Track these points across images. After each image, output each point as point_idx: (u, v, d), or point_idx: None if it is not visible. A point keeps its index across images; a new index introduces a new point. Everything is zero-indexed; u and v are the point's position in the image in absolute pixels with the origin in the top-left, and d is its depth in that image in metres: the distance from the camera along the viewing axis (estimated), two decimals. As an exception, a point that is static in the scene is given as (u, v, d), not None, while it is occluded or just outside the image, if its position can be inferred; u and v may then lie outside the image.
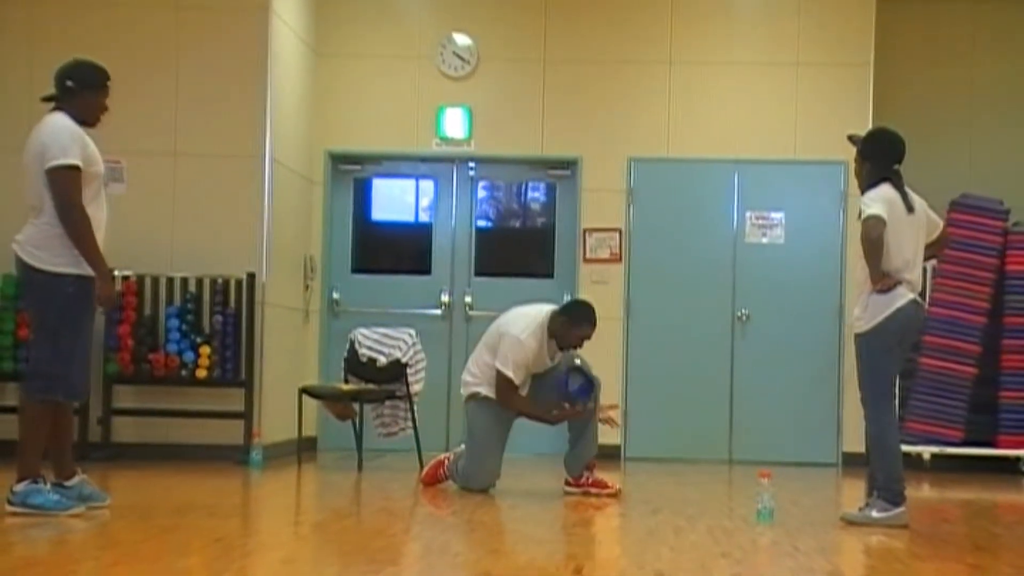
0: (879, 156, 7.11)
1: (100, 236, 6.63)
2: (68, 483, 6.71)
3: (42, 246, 6.52)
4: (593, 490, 8.26)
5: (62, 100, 6.67)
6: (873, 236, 6.84)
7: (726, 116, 11.46)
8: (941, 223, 7.33)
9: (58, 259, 6.51)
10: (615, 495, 8.20)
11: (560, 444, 8.85)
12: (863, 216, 6.92)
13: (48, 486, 6.56)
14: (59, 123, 6.57)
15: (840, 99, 11.33)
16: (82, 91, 6.67)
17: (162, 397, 10.04)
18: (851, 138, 7.30)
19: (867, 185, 7.08)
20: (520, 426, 8.57)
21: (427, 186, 11.95)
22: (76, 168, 6.47)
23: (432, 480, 8.60)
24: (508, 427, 8.43)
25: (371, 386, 9.91)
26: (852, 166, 7.33)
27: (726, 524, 6.97)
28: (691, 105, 11.48)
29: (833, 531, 6.88)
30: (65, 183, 6.45)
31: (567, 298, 11.26)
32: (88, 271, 6.56)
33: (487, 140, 11.53)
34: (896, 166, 7.09)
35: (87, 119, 6.68)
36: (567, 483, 8.39)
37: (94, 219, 6.56)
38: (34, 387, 6.58)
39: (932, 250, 7.39)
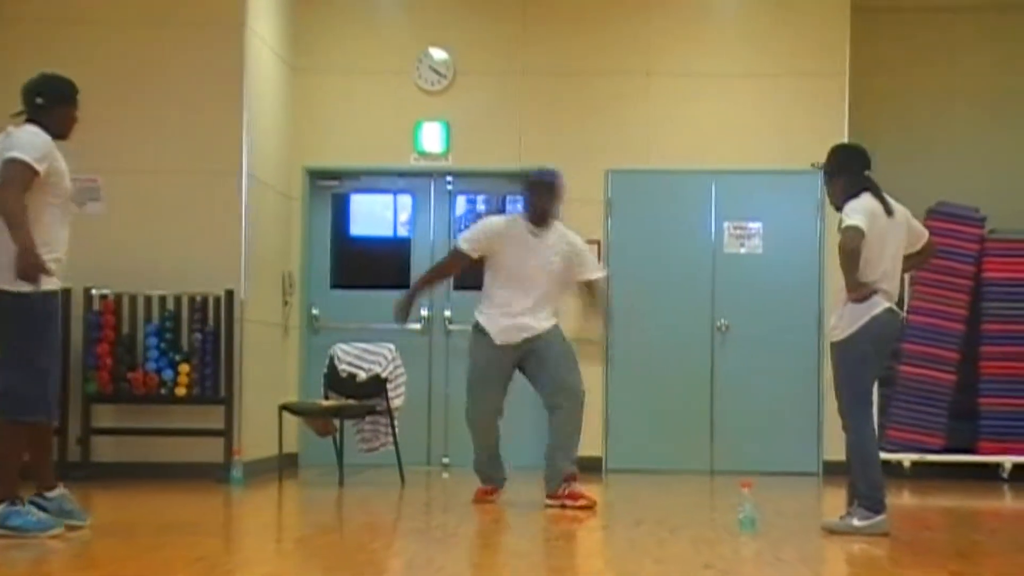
0: (848, 169, 7.13)
1: (62, 253, 6.54)
2: (49, 495, 6.64)
3: (3, 265, 6.38)
4: (568, 502, 8.21)
5: (33, 115, 6.62)
6: (850, 247, 6.86)
7: (703, 127, 11.49)
8: (927, 233, 7.29)
9: None
10: (589, 507, 8.16)
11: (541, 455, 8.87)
12: (843, 226, 6.93)
13: (26, 506, 6.50)
14: (31, 130, 6.50)
15: (816, 109, 11.35)
16: (53, 107, 6.63)
17: (142, 416, 10.00)
18: (814, 166, 7.30)
19: (846, 197, 7.08)
20: (504, 438, 8.58)
21: (405, 201, 11.94)
22: (32, 169, 6.35)
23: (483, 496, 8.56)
24: (505, 365, 8.40)
25: (351, 401, 9.90)
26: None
27: (708, 534, 6.97)
28: (668, 116, 11.50)
29: (815, 540, 6.89)
30: (13, 173, 6.31)
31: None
32: (52, 286, 6.48)
33: (465, 154, 11.53)
34: (867, 172, 7.11)
35: (60, 133, 6.63)
36: (547, 497, 8.35)
37: (56, 238, 6.47)
38: (8, 409, 6.50)
39: (918, 260, 7.36)
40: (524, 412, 9.16)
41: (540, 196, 8.53)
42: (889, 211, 7.02)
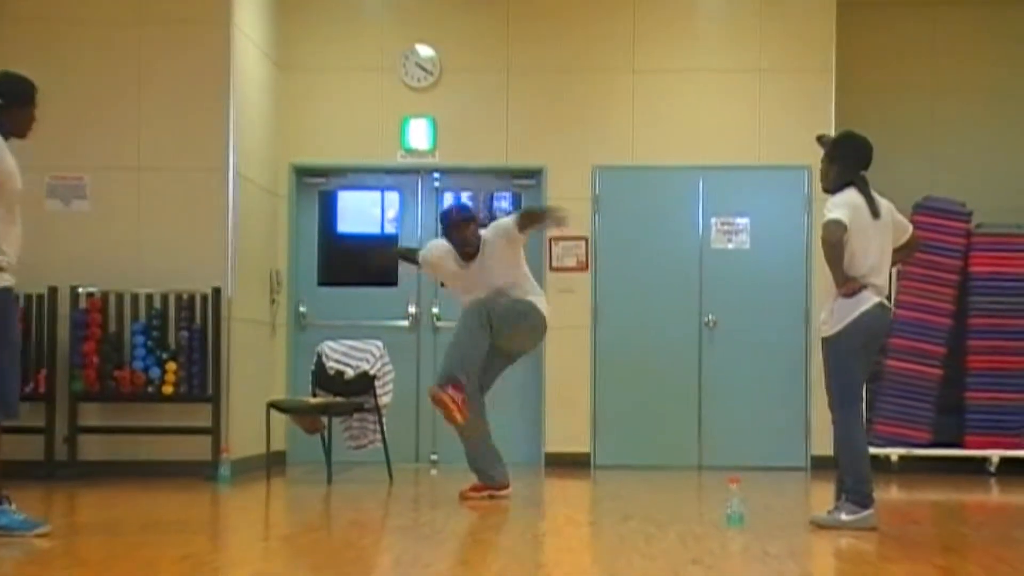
0: (847, 160, 7.13)
1: (14, 252, 6.45)
2: None
3: None
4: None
5: None
6: (832, 240, 6.87)
7: (690, 123, 11.49)
8: (910, 227, 7.33)
9: None
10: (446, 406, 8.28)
11: (532, 451, 8.95)
12: (824, 220, 6.95)
13: (13, 506, 6.47)
14: None
15: (803, 104, 11.37)
16: (13, 107, 6.54)
17: (129, 414, 9.98)
18: (820, 139, 7.31)
19: (833, 188, 7.11)
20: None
21: (392, 198, 11.94)
22: None
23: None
24: (485, 335, 8.47)
25: (339, 399, 9.89)
26: (817, 169, 7.34)
27: (696, 530, 6.97)
28: (655, 113, 11.50)
29: (803, 534, 6.90)
30: None
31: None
32: (5, 282, 6.43)
33: (451, 151, 11.52)
34: (862, 171, 7.12)
35: (19, 133, 6.55)
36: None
37: (7, 234, 6.39)
38: None
39: (903, 254, 7.39)
40: (513, 409, 9.13)
41: (449, 234, 8.73)
42: (875, 212, 7.02)
